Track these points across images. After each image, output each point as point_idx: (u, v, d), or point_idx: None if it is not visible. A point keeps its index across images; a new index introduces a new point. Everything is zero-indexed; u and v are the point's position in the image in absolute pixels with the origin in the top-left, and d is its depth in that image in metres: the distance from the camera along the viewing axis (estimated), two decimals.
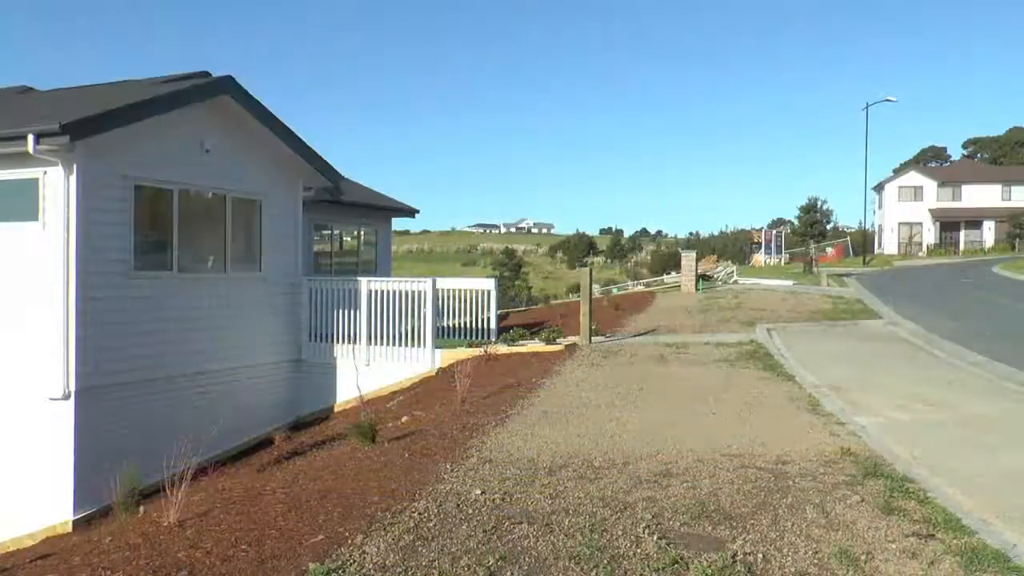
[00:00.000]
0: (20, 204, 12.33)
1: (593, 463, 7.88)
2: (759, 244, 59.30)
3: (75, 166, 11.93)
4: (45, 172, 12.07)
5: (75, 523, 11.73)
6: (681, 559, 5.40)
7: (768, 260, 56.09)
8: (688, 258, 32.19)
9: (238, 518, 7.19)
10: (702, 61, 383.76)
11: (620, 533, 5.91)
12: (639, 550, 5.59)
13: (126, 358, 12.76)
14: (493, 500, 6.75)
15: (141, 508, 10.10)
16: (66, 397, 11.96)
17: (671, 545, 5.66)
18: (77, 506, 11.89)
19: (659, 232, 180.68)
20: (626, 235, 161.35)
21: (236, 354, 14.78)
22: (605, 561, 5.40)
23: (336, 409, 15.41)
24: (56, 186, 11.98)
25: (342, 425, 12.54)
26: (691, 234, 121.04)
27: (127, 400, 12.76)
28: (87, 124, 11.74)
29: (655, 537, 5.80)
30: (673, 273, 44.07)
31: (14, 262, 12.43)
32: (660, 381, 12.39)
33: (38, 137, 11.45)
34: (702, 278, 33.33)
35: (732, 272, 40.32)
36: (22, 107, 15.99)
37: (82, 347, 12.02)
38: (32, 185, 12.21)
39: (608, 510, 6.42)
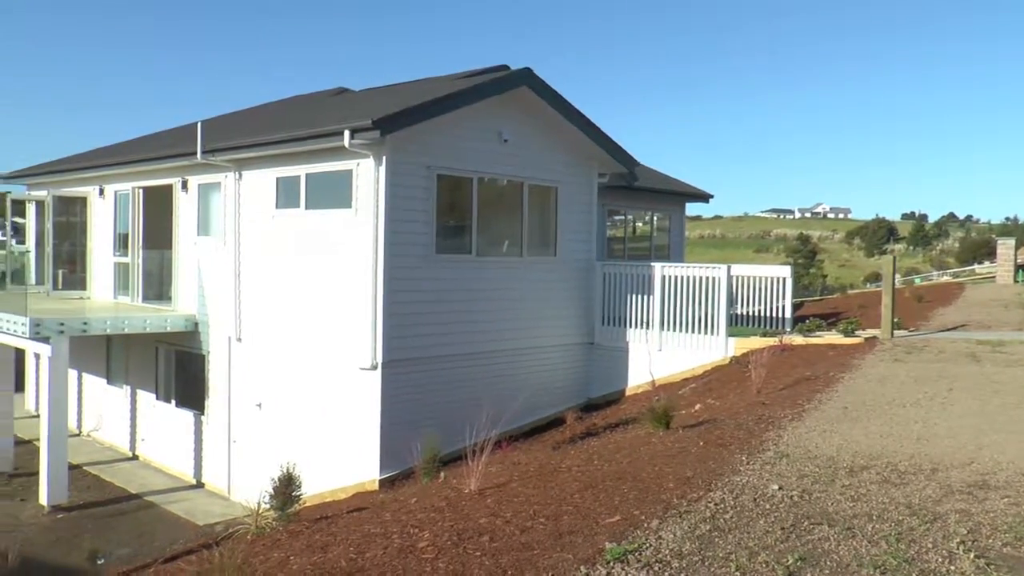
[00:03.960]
0: (336, 193, 13.56)
1: (898, 467, 7.40)
2: None
3: (384, 158, 12.89)
4: (358, 164, 13.15)
5: (380, 482, 12.75)
6: None
7: None
8: (1005, 246, 29.36)
9: (535, 492, 7.46)
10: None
11: (930, 546, 5.50)
12: (953, 568, 5.16)
13: (427, 335, 13.63)
14: (791, 497, 6.53)
15: (441, 474, 10.79)
16: (374, 368, 13.00)
17: (991, 567, 5.17)
18: (383, 467, 12.91)
19: (968, 217, 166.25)
20: (930, 220, 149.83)
21: (530, 335, 15.33)
22: (914, 575, 5.06)
23: (627, 393, 15.56)
24: (367, 176, 13.00)
25: (634, 409, 12.66)
26: (1008, 219, 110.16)
27: (427, 374, 13.64)
28: (395, 119, 12.60)
29: (972, 555, 5.33)
30: (986, 263, 40.40)
31: (331, 246, 13.67)
32: (972, 381, 11.39)
33: (352, 133, 12.47)
34: (1022, 269, 30.23)
35: None
36: (338, 107, 17.50)
37: (388, 323, 13.00)
38: (346, 176, 13.36)
39: (916, 519, 6.00)
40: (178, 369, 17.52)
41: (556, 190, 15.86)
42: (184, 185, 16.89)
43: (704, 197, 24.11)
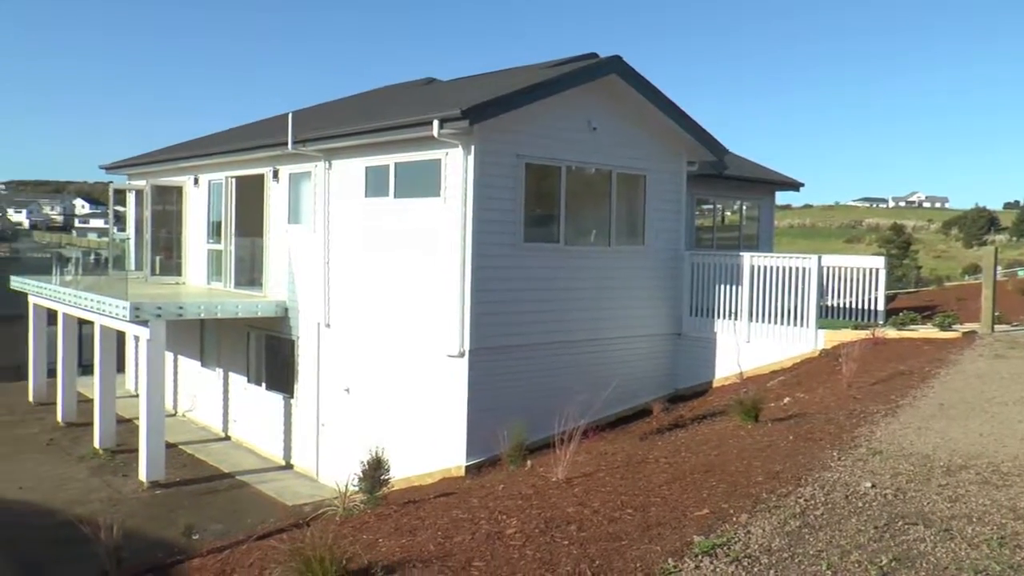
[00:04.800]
0: (425, 182, 13.68)
1: (1000, 468, 7.14)
2: None
3: (472, 147, 12.94)
4: (447, 153, 13.23)
5: (466, 468, 12.87)
6: None
7: None
8: None
9: (622, 482, 7.45)
10: None
11: None
12: None
13: (513, 323, 13.68)
14: (884, 495, 6.37)
15: (528, 462, 10.83)
16: (461, 355, 13.11)
17: None
18: (469, 453, 13.03)
19: None
20: None
21: (617, 325, 15.26)
22: None
23: (714, 384, 15.39)
24: (455, 165, 13.08)
25: (721, 401, 12.51)
26: None
27: (513, 362, 13.69)
28: (484, 109, 12.64)
29: None
30: None
31: (419, 234, 13.81)
32: None
33: (441, 122, 12.56)
34: None
35: None
36: (426, 96, 17.62)
37: (475, 311, 13.08)
38: (435, 165, 13.46)
39: (1021, 523, 5.79)
40: (268, 353, 17.96)
41: (645, 178, 15.73)
42: (275, 175, 17.26)
43: (794, 185, 23.62)
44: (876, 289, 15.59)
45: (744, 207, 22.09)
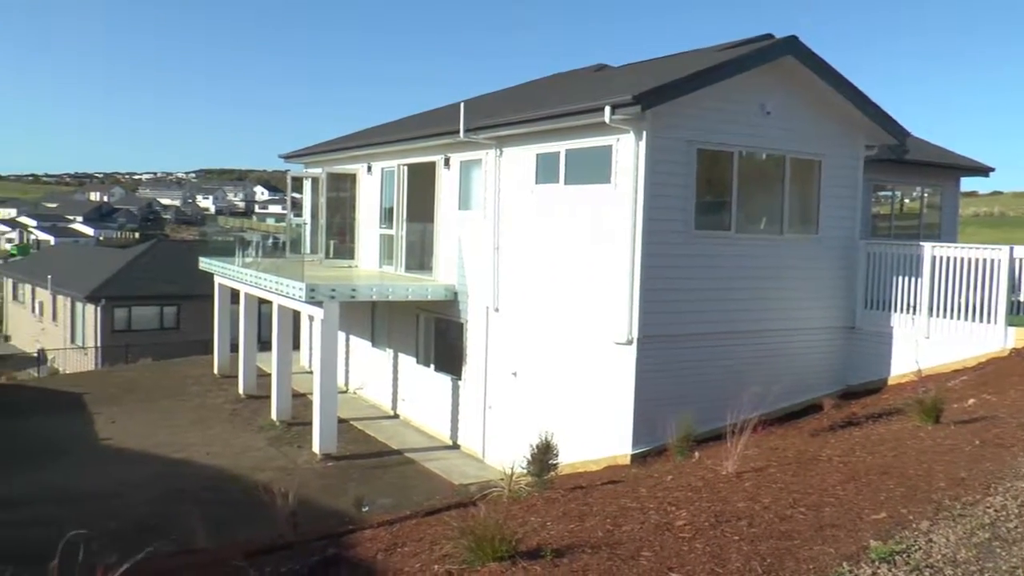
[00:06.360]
0: (595, 169, 13.67)
1: None
2: None
3: (644, 133, 12.81)
4: (618, 139, 13.17)
5: (632, 457, 12.82)
6: None
7: None
8: None
9: (793, 479, 7.28)
10: None
11: None
12: None
13: (682, 311, 13.49)
14: None
15: (695, 453, 10.73)
16: (629, 343, 13.06)
17: None
18: (635, 442, 12.97)
19: None
20: None
21: (787, 316, 14.82)
22: None
23: (889, 382, 14.71)
24: (626, 152, 13.00)
25: (897, 400, 11.98)
26: None
27: (680, 351, 13.51)
28: (656, 94, 12.49)
29: None
30: None
31: (589, 220, 13.83)
32: None
33: (613, 108, 12.50)
34: None
35: None
36: (597, 83, 17.58)
37: (644, 299, 12.99)
38: (606, 152, 13.42)
39: None
40: (437, 336, 18.45)
41: (819, 164, 15.17)
42: (446, 162, 17.66)
43: (983, 171, 22.21)
44: None
45: (925, 194, 20.99)
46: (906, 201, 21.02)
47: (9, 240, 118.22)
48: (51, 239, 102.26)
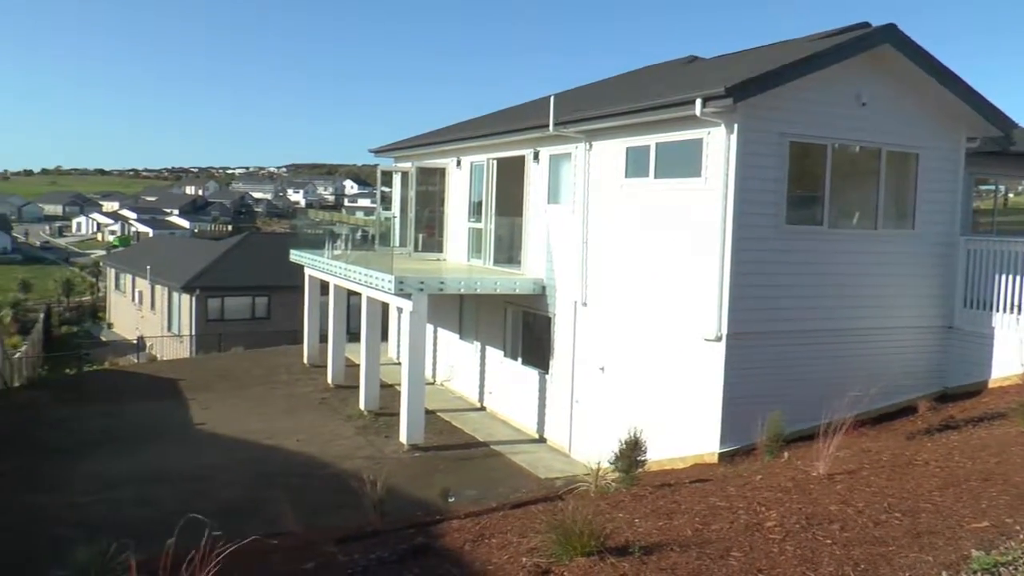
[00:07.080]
0: (685, 162, 13.53)
1: None
2: None
3: (735, 126, 12.61)
4: (708, 132, 12.99)
5: (720, 455, 12.66)
6: None
7: None
8: None
9: (888, 483, 7.11)
10: None
11: None
12: None
13: (772, 308, 13.25)
14: None
15: (785, 454, 10.54)
16: (718, 339, 12.88)
17: None
18: (723, 440, 12.80)
19: None
20: None
21: (881, 314, 14.42)
22: None
23: (990, 385, 14.14)
24: (717, 145, 12.81)
25: (1000, 403, 11.56)
26: None
27: (770, 348, 13.27)
28: (748, 86, 12.28)
29: None
30: None
31: (678, 215, 13.69)
32: None
33: (704, 101, 12.34)
34: None
35: None
36: (688, 75, 17.37)
37: (735, 294, 12.80)
38: (696, 145, 13.26)
39: None
40: (524, 329, 18.52)
41: (917, 157, 14.71)
42: (535, 156, 17.69)
43: None
44: None
45: None
46: (1010, 195, 20.26)
47: (112, 232, 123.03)
48: (149, 231, 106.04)
